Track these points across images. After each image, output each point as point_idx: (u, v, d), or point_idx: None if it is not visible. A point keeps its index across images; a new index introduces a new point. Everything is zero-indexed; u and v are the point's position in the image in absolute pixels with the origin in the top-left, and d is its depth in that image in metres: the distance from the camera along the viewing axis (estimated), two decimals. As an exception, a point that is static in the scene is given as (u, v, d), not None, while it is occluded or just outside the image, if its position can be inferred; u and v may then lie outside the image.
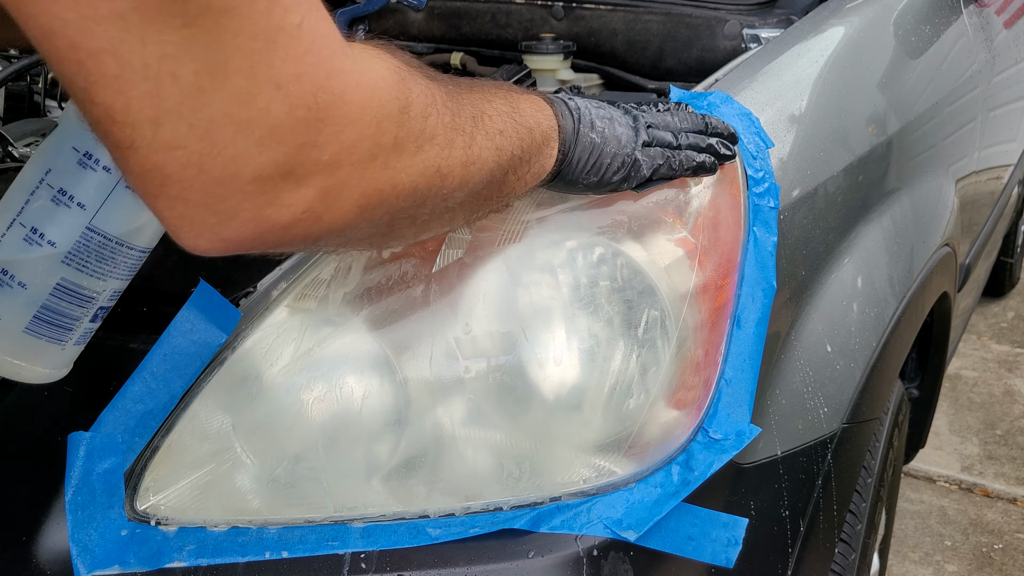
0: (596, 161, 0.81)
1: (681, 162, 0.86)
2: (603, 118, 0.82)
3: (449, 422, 0.82)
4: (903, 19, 1.42)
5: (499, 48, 1.65)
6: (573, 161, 0.80)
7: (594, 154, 0.81)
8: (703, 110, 0.95)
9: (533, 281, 0.83)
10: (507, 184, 0.74)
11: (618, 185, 0.84)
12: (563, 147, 0.79)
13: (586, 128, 0.80)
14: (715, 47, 1.52)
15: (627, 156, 0.83)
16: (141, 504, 0.82)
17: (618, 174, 0.83)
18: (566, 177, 0.81)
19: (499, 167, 0.71)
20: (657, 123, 0.86)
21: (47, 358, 0.82)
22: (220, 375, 0.84)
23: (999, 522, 2.27)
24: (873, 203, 1.20)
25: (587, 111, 0.81)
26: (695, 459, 0.83)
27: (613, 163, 0.82)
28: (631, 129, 0.84)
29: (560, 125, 0.79)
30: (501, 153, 0.71)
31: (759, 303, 0.90)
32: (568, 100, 0.81)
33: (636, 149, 0.83)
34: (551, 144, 0.78)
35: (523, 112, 0.75)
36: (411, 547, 0.79)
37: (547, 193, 0.86)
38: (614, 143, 0.82)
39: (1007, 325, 3.27)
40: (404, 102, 0.59)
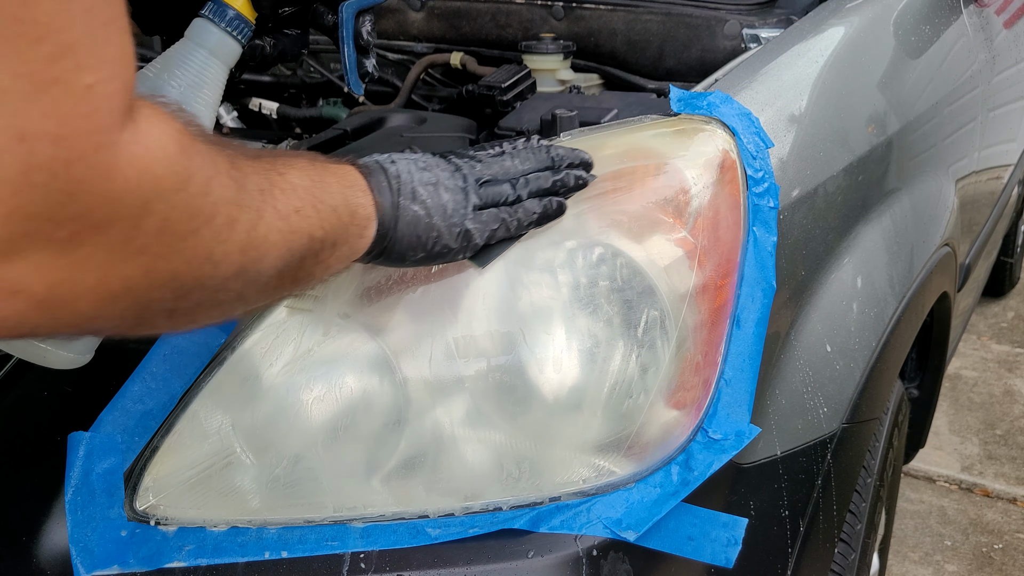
0: (421, 236, 0.74)
1: (519, 220, 0.79)
2: (427, 184, 0.74)
3: (449, 422, 0.82)
4: (903, 19, 1.42)
5: (499, 48, 1.65)
6: (397, 239, 0.73)
7: (418, 228, 0.73)
8: (703, 110, 0.95)
9: (533, 281, 0.83)
10: (303, 270, 0.65)
11: (452, 257, 0.78)
12: (382, 225, 0.71)
13: (407, 200, 0.73)
14: (715, 47, 1.52)
15: (455, 227, 0.75)
16: (141, 504, 0.82)
17: (447, 248, 0.76)
18: (390, 255, 0.74)
19: (291, 252, 0.61)
20: (494, 174, 0.79)
21: (72, 342, 0.82)
22: (220, 375, 0.84)
23: (999, 522, 2.27)
24: (873, 203, 1.20)
25: (408, 178, 0.73)
26: (695, 459, 0.83)
27: (441, 237, 0.75)
28: (460, 193, 0.76)
29: (377, 201, 0.71)
30: (296, 237, 0.61)
31: (759, 303, 0.90)
32: (388, 166, 0.74)
33: (466, 217, 0.76)
34: (365, 224, 0.70)
35: (328, 187, 0.66)
36: (411, 547, 0.79)
37: None
38: (439, 213, 0.74)
39: (1007, 325, 3.27)
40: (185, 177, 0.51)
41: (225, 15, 0.96)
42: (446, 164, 0.78)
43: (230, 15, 0.96)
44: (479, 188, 0.77)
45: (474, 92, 1.31)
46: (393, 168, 0.74)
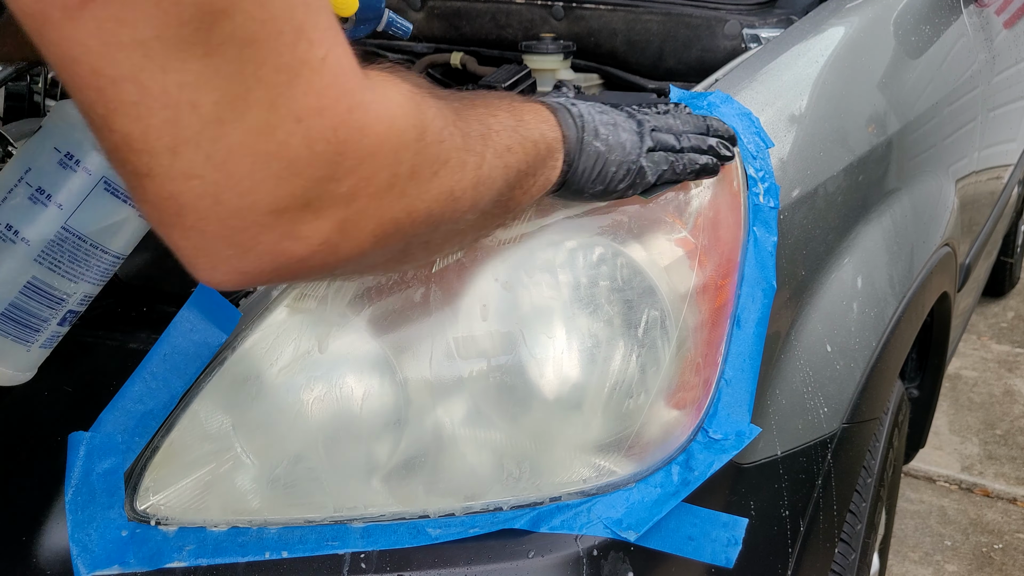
0: (601, 170, 0.80)
1: (685, 166, 0.85)
2: (607, 124, 0.81)
3: (449, 422, 0.82)
4: (903, 19, 1.42)
5: (499, 48, 1.65)
6: (578, 171, 0.79)
7: (599, 163, 0.80)
8: (703, 110, 0.95)
9: (533, 281, 0.83)
10: (513, 199, 0.74)
11: (624, 192, 0.83)
12: (568, 157, 0.78)
13: (590, 136, 0.79)
14: (715, 47, 1.52)
15: (632, 163, 0.82)
16: (141, 504, 0.82)
17: (623, 182, 0.82)
18: (572, 187, 0.80)
19: (507, 184, 0.70)
20: (660, 126, 0.85)
21: (12, 359, 0.82)
22: (220, 375, 0.84)
23: (999, 522, 2.27)
24: (873, 203, 1.20)
25: (591, 118, 0.80)
26: (695, 459, 0.83)
27: (619, 171, 0.81)
28: (635, 135, 0.83)
29: (564, 135, 0.78)
30: (509, 170, 0.70)
31: (759, 303, 0.90)
32: (571, 107, 0.80)
33: (641, 155, 0.82)
34: (555, 156, 0.77)
35: (528, 125, 0.74)
36: (411, 547, 0.79)
37: None
38: (619, 150, 0.81)
39: (1007, 325, 3.27)
40: (421, 128, 0.59)
41: None
42: (620, 111, 0.84)
43: None
44: (651, 133, 0.84)
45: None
46: (575, 109, 0.80)
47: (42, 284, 0.80)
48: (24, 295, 0.80)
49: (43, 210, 0.80)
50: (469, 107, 0.69)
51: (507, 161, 0.70)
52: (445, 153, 0.62)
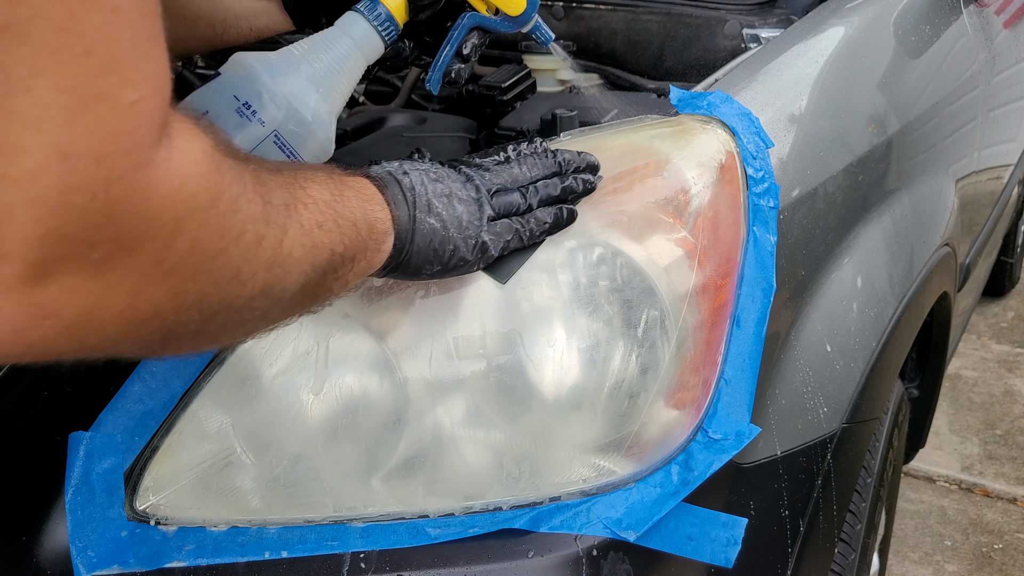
0: (438, 249, 0.73)
1: (532, 231, 0.79)
2: (441, 196, 0.73)
3: (449, 422, 0.82)
4: (903, 19, 1.42)
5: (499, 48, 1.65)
6: (413, 252, 0.72)
7: (435, 241, 0.73)
8: (703, 110, 0.95)
9: (533, 281, 0.83)
10: (324, 286, 0.64)
11: (467, 269, 0.77)
12: (399, 240, 0.71)
13: (423, 213, 0.72)
14: (715, 47, 1.52)
15: (471, 239, 0.75)
16: (141, 504, 0.82)
17: (463, 260, 0.75)
18: (406, 269, 0.73)
19: (314, 268, 0.61)
20: (504, 184, 0.78)
21: None
22: (220, 375, 0.84)
23: (999, 522, 2.27)
24: (873, 203, 1.20)
25: (423, 191, 0.73)
26: (695, 459, 0.83)
27: (457, 250, 0.74)
28: (474, 204, 0.75)
29: (394, 215, 0.70)
30: (318, 251, 0.61)
31: (759, 303, 0.90)
32: (401, 178, 0.73)
33: (481, 229, 0.75)
34: (380, 237, 0.69)
35: (347, 201, 0.66)
36: (411, 547, 0.79)
37: None
38: (455, 226, 0.74)
39: (1007, 325, 3.27)
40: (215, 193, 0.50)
41: (377, 13, 0.98)
42: (456, 175, 0.77)
43: (382, 14, 0.98)
44: (491, 199, 0.77)
45: (474, 92, 1.31)
46: (407, 180, 0.73)
47: None
48: None
49: None
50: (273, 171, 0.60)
51: (317, 240, 0.61)
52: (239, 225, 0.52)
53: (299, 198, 0.60)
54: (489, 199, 0.76)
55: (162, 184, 0.46)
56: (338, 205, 0.64)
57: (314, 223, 0.60)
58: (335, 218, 0.63)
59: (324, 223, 0.61)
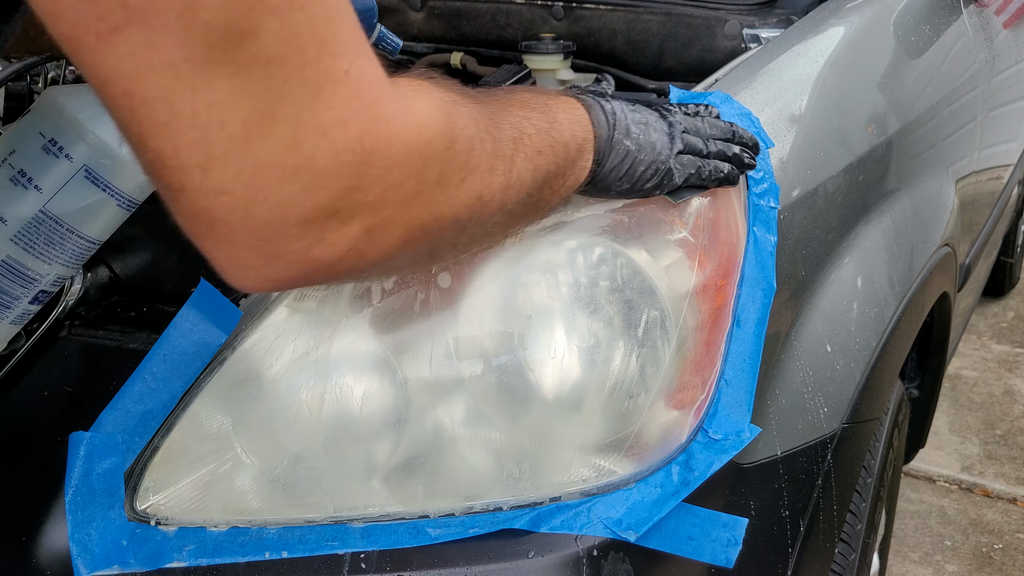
0: (630, 168, 0.80)
1: (711, 172, 0.86)
2: (639, 123, 0.81)
3: (449, 422, 0.82)
4: (903, 19, 1.42)
5: (499, 48, 1.65)
6: (607, 169, 0.79)
7: (627, 161, 0.80)
8: (703, 110, 0.95)
9: (533, 281, 0.83)
10: (543, 199, 0.74)
11: (650, 192, 0.83)
12: (597, 155, 0.79)
13: (621, 135, 0.79)
14: (715, 47, 1.52)
15: (661, 164, 0.82)
16: (141, 504, 0.82)
17: (651, 181, 0.82)
18: (599, 184, 0.80)
19: (535, 186, 0.71)
20: (690, 128, 0.86)
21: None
22: (220, 375, 0.84)
23: (999, 522, 2.27)
24: (873, 203, 1.20)
25: (623, 116, 0.80)
26: (695, 459, 0.83)
27: (647, 171, 0.81)
28: (666, 136, 0.83)
29: (596, 134, 0.78)
30: (538, 172, 0.71)
31: (759, 303, 0.90)
32: (605, 104, 0.80)
33: (670, 157, 0.83)
34: (585, 155, 0.78)
35: (559, 125, 0.75)
36: (411, 547, 0.79)
37: None
38: (648, 150, 0.81)
39: (1007, 325, 3.27)
40: (450, 137, 0.60)
41: None
42: (651, 110, 0.84)
43: None
44: (682, 135, 0.84)
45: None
46: (609, 106, 0.80)
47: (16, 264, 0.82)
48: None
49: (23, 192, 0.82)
50: (504, 109, 0.70)
51: (537, 164, 0.71)
52: (475, 160, 0.63)
53: (524, 130, 0.70)
54: (679, 135, 0.84)
55: (403, 132, 0.55)
56: (553, 131, 0.73)
57: (535, 150, 0.70)
58: (551, 143, 0.72)
59: (543, 149, 0.71)
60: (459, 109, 0.62)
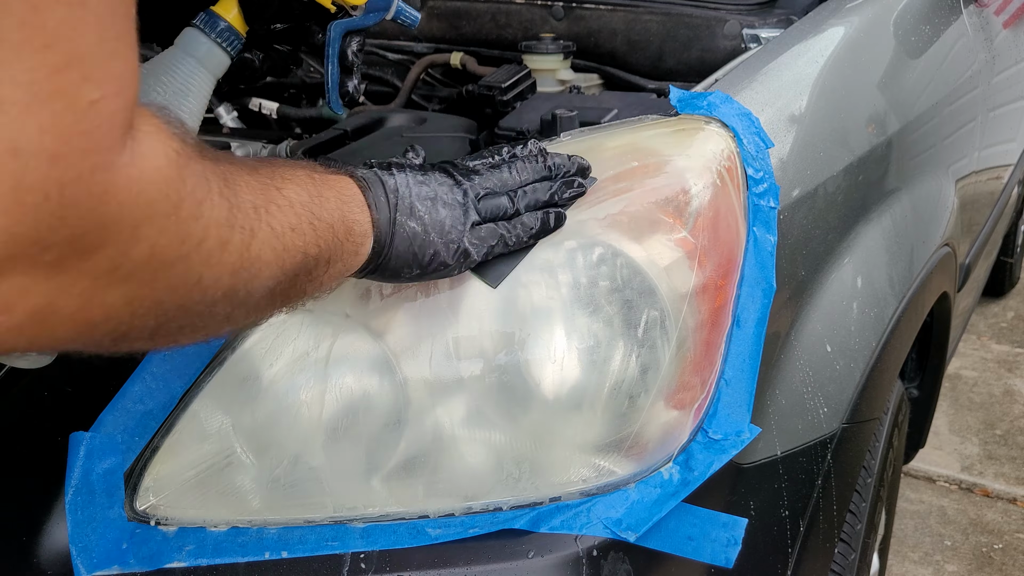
0: (417, 253, 0.73)
1: (518, 236, 0.79)
2: (425, 199, 0.73)
3: (449, 422, 0.82)
4: (903, 19, 1.42)
5: (499, 48, 1.65)
6: (392, 256, 0.72)
7: (414, 244, 0.72)
8: (703, 110, 0.95)
9: (533, 281, 0.83)
10: (296, 288, 0.63)
11: (449, 273, 0.77)
12: (378, 243, 0.70)
13: (404, 216, 0.71)
14: (715, 47, 1.52)
15: (452, 243, 0.74)
16: (141, 504, 0.82)
17: (443, 265, 0.75)
18: (384, 272, 0.73)
19: (284, 272, 0.60)
20: (492, 187, 0.78)
21: None
22: (220, 375, 0.84)
23: (999, 522, 2.27)
24: (873, 203, 1.20)
25: (407, 193, 0.72)
26: (695, 459, 0.83)
27: (438, 255, 0.74)
28: (459, 208, 0.75)
29: (374, 218, 0.70)
30: (288, 255, 0.59)
31: (759, 303, 0.90)
32: (387, 179, 0.72)
33: (464, 234, 0.75)
34: (361, 242, 0.69)
35: (326, 202, 0.64)
36: (411, 547, 0.79)
37: None
38: (437, 230, 0.73)
39: (1007, 325, 3.27)
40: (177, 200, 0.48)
41: (216, 26, 0.96)
42: (444, 177, 0.76)
43: (221, 26, 0.96)
44: (478, 202, 0.76)
45: (474, 92, 1.31)
46: (391, 181, 0.72)
47: None
48: None
49: None
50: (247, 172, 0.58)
51: (288, 243, 0.59)
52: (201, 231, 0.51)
53: (273, 199, 0.59)
54: (476, 203, 0.76)
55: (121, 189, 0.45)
56: (315, 207, 0.62)
57: (287, 226, 0.59)
58: (311, 220, 0.62)
59: (298, 226, 0.60)
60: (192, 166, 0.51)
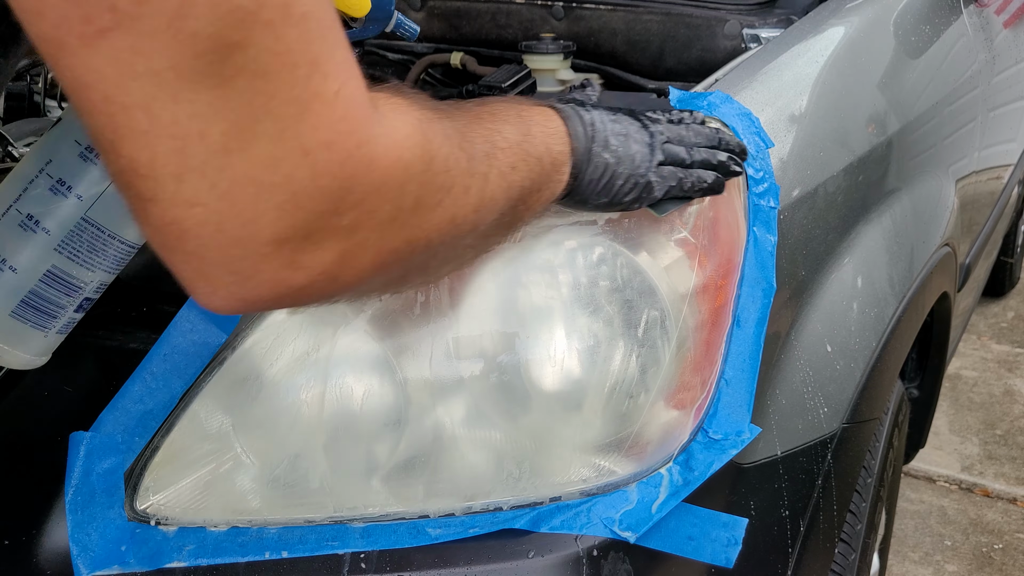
0: (608, 182, 0.78)
1: (693, 183, 0.84)
2: (618, 135, 0.79)
3: (449, 422, 0.82)
4: (903, 19, 1.42)
5: (499, 48, 1.65)
6: (584, 182, 0.78)
7: (606, 175, 0.78)
8: (703, 110, 0.95)
9: (533, 281, 0.83)
10: (516, 216, 0.72)
11: (629, 205, 0.82)
12: (575, 169, 0.77)
13: (599, 147, 0.77)
14: (715, 47, 1.52)
15: (640, 177, 0.80)
16: (141, 504, 0.82)
17: (630, 195, 0.80)
18: (576, 196, 0.79)
19: (509, 203, 0.69)
20: (672, 137, 0.84)
21: (30, 344, 0.84)
22: (220, 375, 0.84)
23: (999, 522, 2.27)
24: (873, 203, 1.20)
25: (602, 128, 0.78)
26: (695, 459, 0.83)
27: (626, 184, 0.79)
28: (647, 147, 0.81)
29: (573, 147, 0.76)
30: (512, 189, 0.69)
31: (759, 303, 0.90)
32: (584, 114, 0.78)
33: (650, 169, 0.81)
34: (561, 169, 0.76)
35: (534, 139, 0.72)
36: (411, 547, 0.79)
37: None
38: (628, 163, 0.79)
39: (1007, 325, 3.27)
40: (427, 159, 0.58)
41: None
42: (633, 120, 0.82)
43: None
44: (663, 146, 0.82)
45: (474, 92, 1.31)
46: (588, 116, 0.78)
47: (61, 273, 0.82)
48: (43, 283, 0.82)
49: (63, 201, 0.82)
50: (476, 123, 0.68)
51: (511, 180, 0.69)
52: (450, 181, 0.61)
53: (496, 144, 0.68)
54: (661, 145, 0.82)
55: (383, 157, 0.54)
56: (527, 144, 0.71)
57: (508, 165, 0.68)
58: (524, 157, 0.70)
59: (517, 164, 0.69)
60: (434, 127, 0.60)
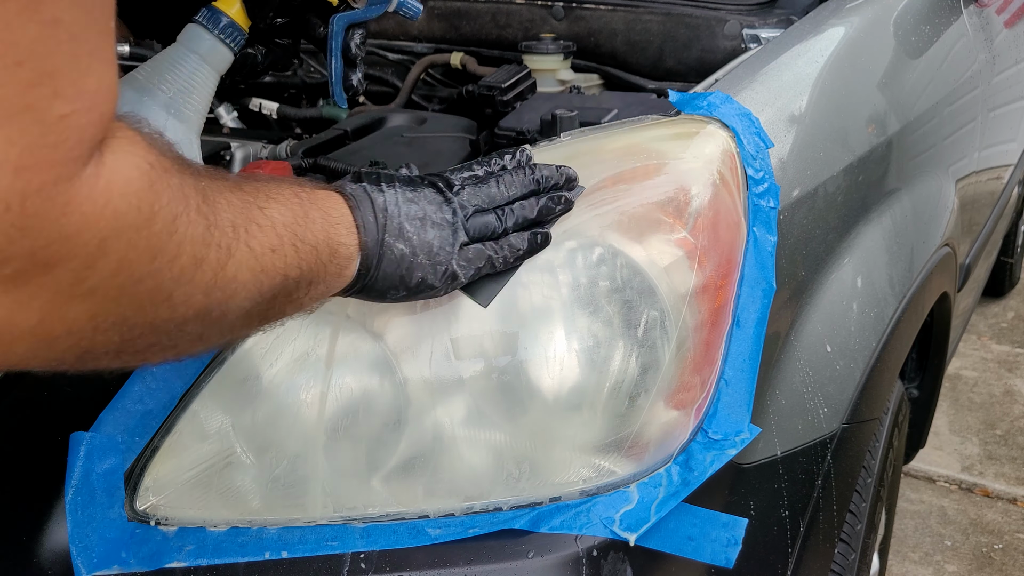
0: (404, 276, 0.71)
1: (505, 257, 0.77)
2: (414, 219, 0.71)
3: (449, 422, 0.82)
4: (903, 19, 1.42)
5: (499, 48, 1.65)
6: (377, 278, 0.70)
7: (401, 267, 0.70)
8: (703, 110, 0.95)
9: (533, 281, 0.83)
10: (274, 310, 0.62)
11: (434, 294, 0.76)
12: (364, 265, 0.69)
13: (392, 237, 0.69)
14: (715, 47, 1.53)
15: (439, 266, 0.72)
16: (141, 504, 0.82)
17: (430, 287, 0.73)
18: (370, 293, 0.71)
19: (262, 293, 0.58)
20: (480, 204, 0.75)
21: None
22: (220, 375, 0.84)
23: (999, 522, 2.27)
24: (873, 203, 1.20)
25: (395, 212, 0.70)
26: (695, 459, 0.83)
27: (426, 277, 0.72)
28: (448, 229, 0.73)
29: (361, 240, 0.68)
30: (267, 276, 0.58)
31: (759, 303, 0.90)
32: (376, 197, 0.70)
33: (452, 256, 0.73)
34: (343, 262, 0.67)
35: (312, 224, 0.63)
36: (411, 547, 0.79)
37: None
38: (424, 252, 0.71)
39: (1007, 325, 3.27)
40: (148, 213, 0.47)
41: (219, 22, 0.96)
42: (434, 194, 0.74)
43: (224, 22, 0.96)
44: (466, 221, 0.74)
45: (474, 92, 1.31)
46: (381, 199, 0.70)
47: None
48: None
49: None
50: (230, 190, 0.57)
51: (267, 264, 0.58)
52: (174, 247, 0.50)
53: (254, 218, 0.57)
54: (464, 222, 0.74)
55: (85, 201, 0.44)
56: (299, 228, 0.61)
57: (267, 246, 0.58)
58: (293, 241, 0.60)
59: (279, 247, 0.59)
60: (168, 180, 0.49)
